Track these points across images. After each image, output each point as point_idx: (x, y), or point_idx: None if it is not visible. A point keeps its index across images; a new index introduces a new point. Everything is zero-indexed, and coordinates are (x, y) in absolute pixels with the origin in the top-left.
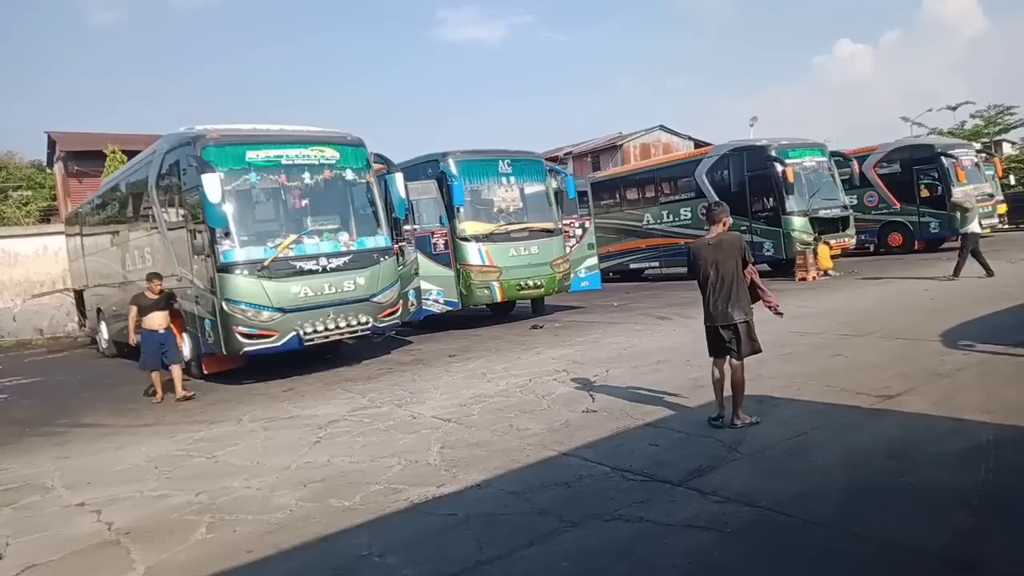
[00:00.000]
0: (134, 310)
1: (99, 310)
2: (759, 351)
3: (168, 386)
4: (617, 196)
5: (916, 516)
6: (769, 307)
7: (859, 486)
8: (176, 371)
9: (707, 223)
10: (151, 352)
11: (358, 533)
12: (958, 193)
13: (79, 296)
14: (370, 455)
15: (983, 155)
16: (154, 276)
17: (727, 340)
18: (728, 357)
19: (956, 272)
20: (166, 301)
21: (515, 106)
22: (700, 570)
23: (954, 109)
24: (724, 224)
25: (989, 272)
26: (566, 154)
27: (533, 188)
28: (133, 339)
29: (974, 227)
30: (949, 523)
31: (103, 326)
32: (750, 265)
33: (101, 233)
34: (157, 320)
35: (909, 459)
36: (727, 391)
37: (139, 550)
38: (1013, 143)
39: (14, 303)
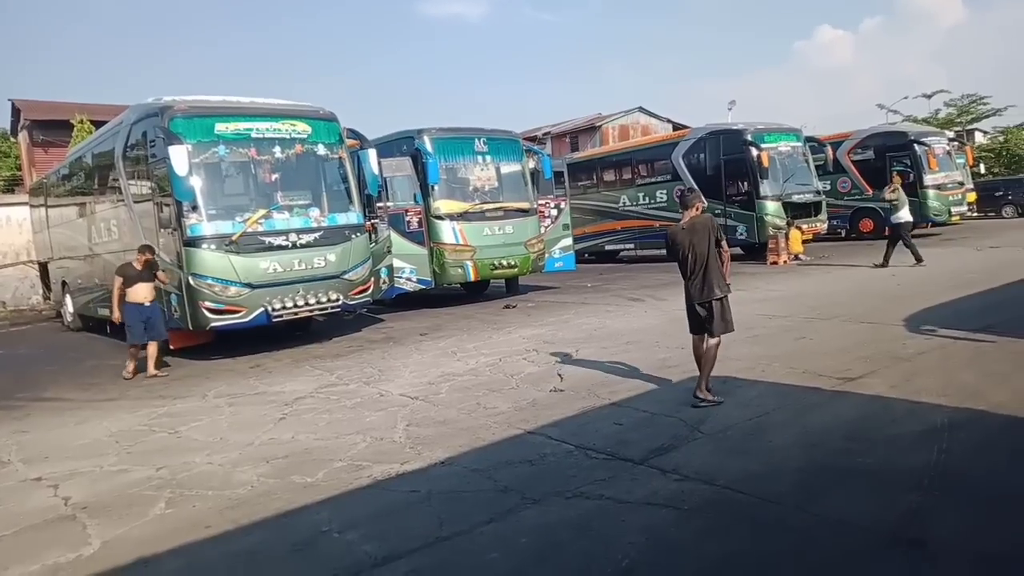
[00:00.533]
0: (119, 280)
1: (64, 283)
2: (731, 330)
3: (141, 363)
4: (594, 177)
5: (869, 496)
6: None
7: (816, 466)
8: (153, 348)
9: (681, 208)
10: (135, 326)
11: (319, 509)
12: (887, 190)
13: (43, 268)
14: (335, 432)
15: (955, 143)
16: (146, 248)
17: (704, 318)
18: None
19: (885, 260)
20: (150, 273)
21: (496, 84)
22: (656, 546)
23: (929, 97)
24: (697, 209)
25: (919, 260)
26: (545, 134)
27: (509, 167)
28: (116, 314)
29: (905, 215)
30: (900, 502)
31: (68, 299)
32: (723, 244)
33: (67, 205)
34: (143, 292)
35: (866, 440)
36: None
37: (95, 525)
38: (985, 132)
39: None
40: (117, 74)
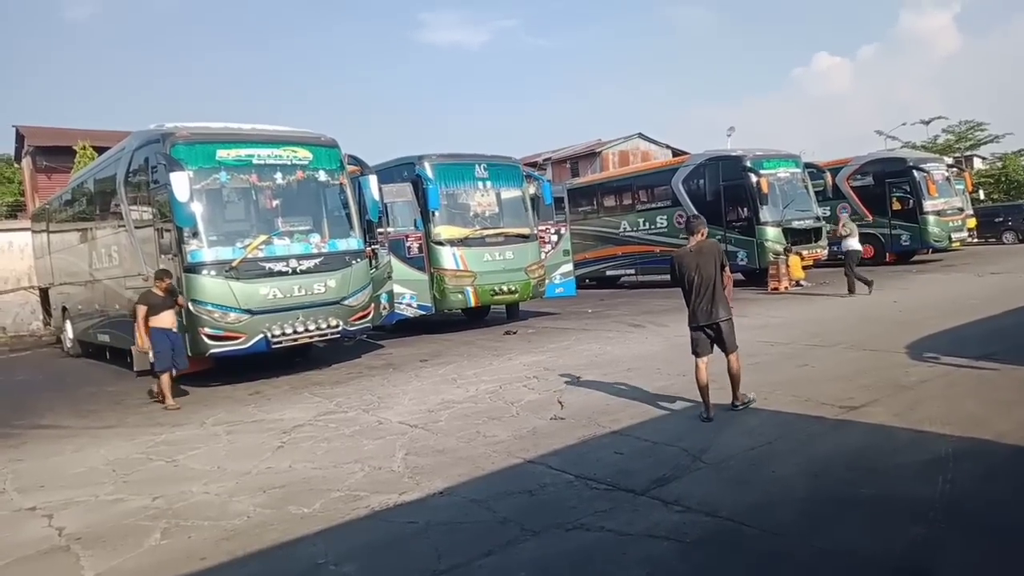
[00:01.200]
0: (143, 309)
1: (64, 308)
2: (736, 347)
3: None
4: (594, 203)
5: (873, 527)
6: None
7: (819, 496)
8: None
9: (686, 234)
10: (164, 351)
11: (315, 541)
12: (840, 227)
13: (44, 294)
14: (333, 461)
15: (954, 170)
16: (164, 274)
17: (712, 339)
18: (707, 358)
19: (850, 289)
20: (172, 299)
21: (496, 111)
22: None
23: (927, 124)
24: (702, 234)
25: (851, 291)
26: (545, 160)
27: (509, 193)
28: (143, 342)
29: (853, 244)
30: (905, 534)
31: (68, 325)
32: (726, 269)
33: (68, 230)
34: (168, 319)
35: (869, 470)
36: (710, 389)
37: (89, 556)
38: (983, 158)
39: None
40: (120, 99)
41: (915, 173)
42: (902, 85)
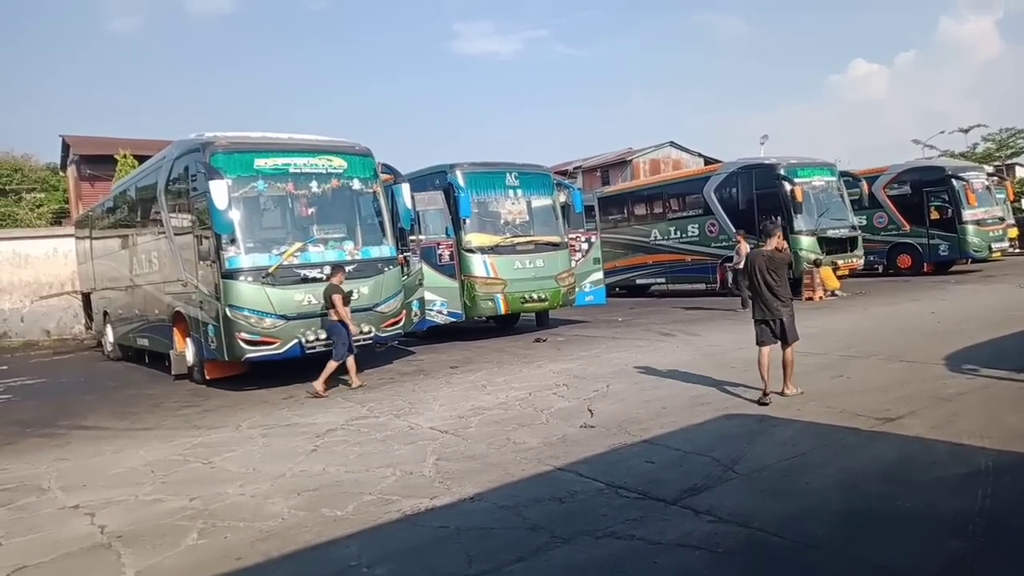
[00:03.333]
0: (339, 298)
1: (106, 313)
2: (798, 339)
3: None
4: (625, 211)
5: (910, 541)
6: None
7: (854, 509)
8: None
9: (764, 237)
10: (343, 341)
11: (348, 543)
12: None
13: (86, 299)
14: (365, 465)
15: (994, 178)
16: (338, 268)
17: (775, 332)
18: (772, 347)
19: (743, 305)
20: (348, 294)
21: (527, 119)
22: None
23: (966, 132)
24: (778, 238)
25: (744, 305)
26: (576, 168)
27: (540, 201)
28: (352, 324)
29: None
30: (943, 549)
31: (109, 329)
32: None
33: (110, 237)
34: (346, 312)
35: (906, 483)
36: (769, 374)
37: (130, 554)
38: None
39: (23, 304)
40: (161, 108)
41: (954, 182)
42: (941, 93)
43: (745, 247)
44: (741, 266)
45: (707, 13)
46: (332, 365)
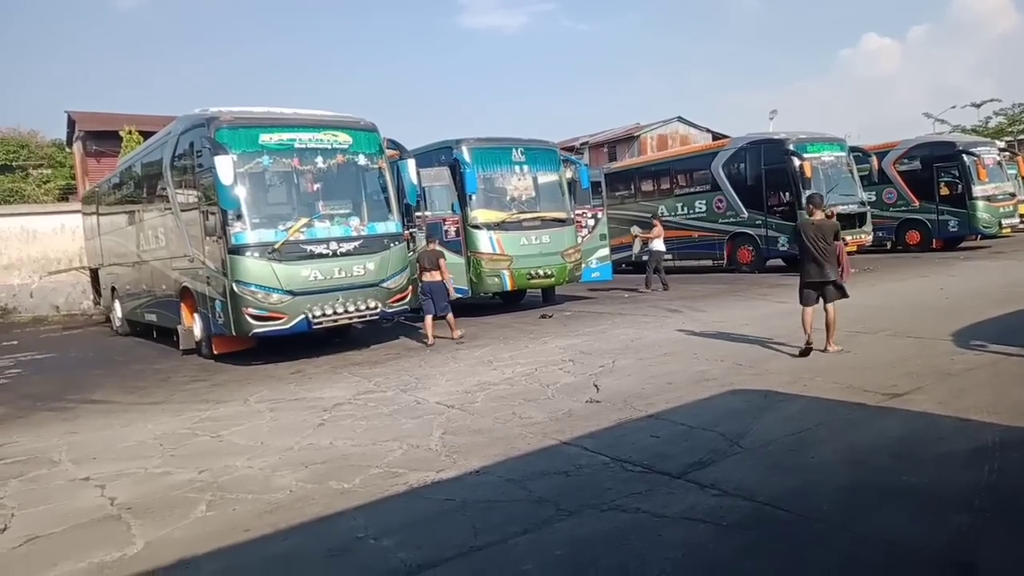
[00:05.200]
0: (444, 261)
1: (113, 289)
2: (847, 296)
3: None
4: (632, 187)
5: (916, 515)
6: (842, 277)
7: (860, 484)
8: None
9: (809, 206)
10: (445, 300)
11: (355, 515)
12: (635, 228)
13: (94, 274)
14: (372, 439)
15: (1006, 154)
16: (433, 237)
17: (820, 292)
18: (811, 308)
19: (647, 284)
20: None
21: (534, 95)
22: (693, 562)
23: (978, 106)
24: (822, 210)
25: (665, 286)
26: (583, 144)
27: (546, 177)
28: (451, 287)
29: (658, 245)
30: (949, 524)
31: (117, 304)
32: (840, 243)
33: (116, 213)
34: (434, 275)
35: (912, 458)
36: (811, 328)
37: (139, 525)
38: None
39: (32, 280)
40: (166, 84)
41: (964, 157)
42: (954, 67)
43: (660, 230)
44: (656, 247)
45: None
46: (429, 320)
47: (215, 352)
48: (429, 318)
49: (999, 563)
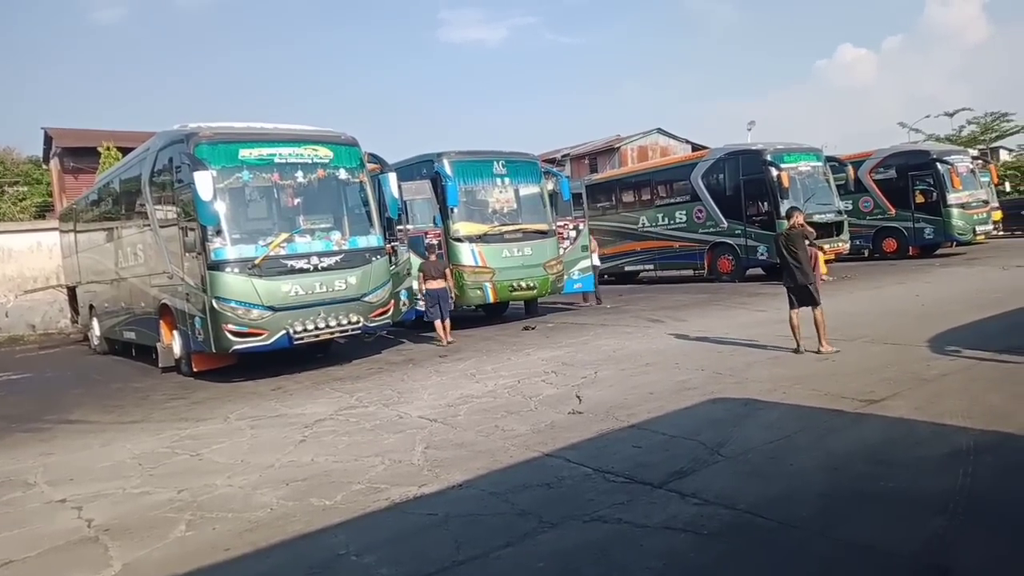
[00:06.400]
0: (450, 271)
1: (91, 306)
2: (817, 303)
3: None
4: (613, 198)
5: (893, 520)
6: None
7: (839, 490)
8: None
9: (786, 219)
10: (448, 307)
11: (337, 532)
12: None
13: (72, 292)
14: (354, 454)
15: (979, 162)
16: (433, 248)
17: (800, 297)
18: (799, 309)
19: (585, 298)
20: (440, 268)
21: (515, 107)
22: (675, 572)
23: (951, 115)
24: (797, 218)
25: (599, 301)
26: (564, 156)
27: (528, 189)
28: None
29: (593, 260)
30: (925, 528)
31: (95, 323)
32: (815, 249)
33: (95, 230)
34: (438, 283)
35: (890, 463)
36: (804, 333)
37: (117, 547)
38: (1010, 150)
39: (7, 298)
40: (144, 100)
41: (938, 166)
42: (928, 77)
43: (595, 245)
44: (594, 262)
45: (696, 0)
46: (438, 324)
47: (195, 369)
48: (438, 323)
49: (972, 564)
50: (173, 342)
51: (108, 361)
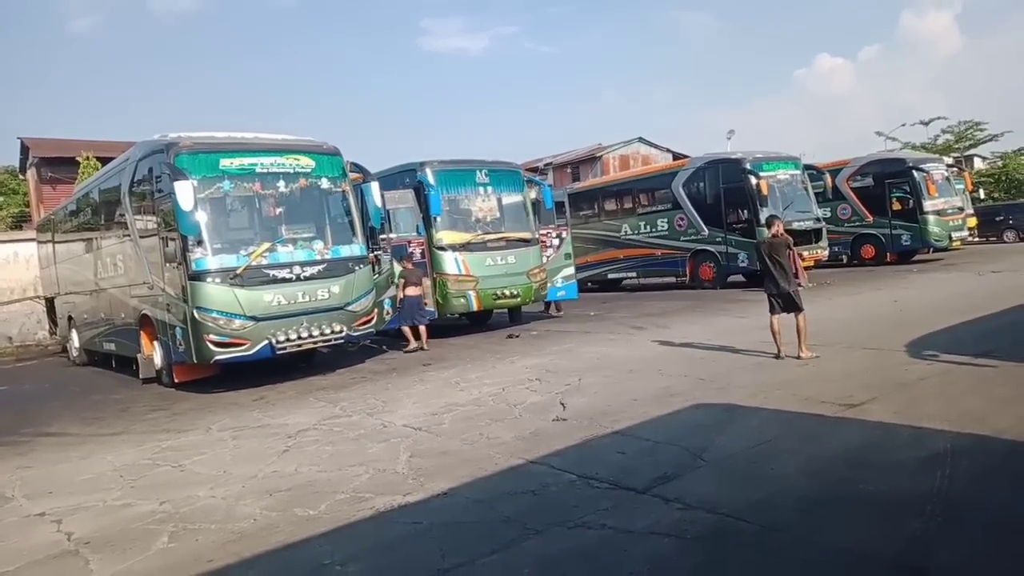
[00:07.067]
0: (428, 280)
1: (70, 318)
2: (799, 308)
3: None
4: (595, 207)
5: (872, 523)
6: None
7: (819, 494)
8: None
9: (766, 227)
10: (423, 313)
11: (321, 542)
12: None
13: (50, 304)
14: (338, 464)
15: (954, 169)
16: (408, 256)
17: (784, 303)
18: (782, 315)
19: (546, 308)
20: (418, 276)
21: (498, 116)
22: None
23: (927, 124)
24: (777, 227)
25: (558, 309)
26: (546, 164)
27: (510, 198)
28: (428, 301)
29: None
30: (903, 530)
31: (74, 334)
32: (795, 254)
33: (73, 240)
34: (413, 291)
35: (869, 467)
36: (786, 338)
37: (98, 560)
38: (984, 158)
39: None
40: (123, 110)
41: (914, 173)
42: (904, 86)
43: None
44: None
45: (676, 10)
46: (406, 330)
47: (176, 380)
48: (406, 328)
49: (949, 565)
50: (154, 353)
51: (87, 373)
